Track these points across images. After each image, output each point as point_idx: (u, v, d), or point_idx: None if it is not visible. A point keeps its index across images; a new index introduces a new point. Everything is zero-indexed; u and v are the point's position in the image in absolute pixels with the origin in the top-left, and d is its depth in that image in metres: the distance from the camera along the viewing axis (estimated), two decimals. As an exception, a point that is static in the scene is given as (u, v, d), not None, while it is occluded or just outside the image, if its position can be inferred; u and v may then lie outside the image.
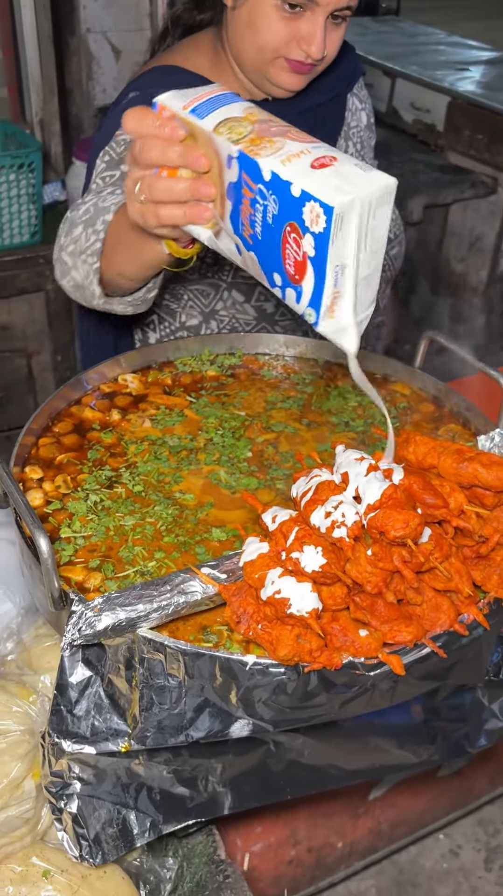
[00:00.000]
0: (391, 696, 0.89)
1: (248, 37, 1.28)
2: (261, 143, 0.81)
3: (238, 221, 0.86)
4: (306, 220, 0.77)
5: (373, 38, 4.41)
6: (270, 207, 0.80)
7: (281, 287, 0.85)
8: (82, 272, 1.18)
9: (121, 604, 0.84)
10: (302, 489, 0.86)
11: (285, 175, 0.78)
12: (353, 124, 1.58)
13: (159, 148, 0.88)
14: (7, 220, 2.53)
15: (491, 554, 0.90)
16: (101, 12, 2.92)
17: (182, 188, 0.88)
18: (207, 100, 0.87)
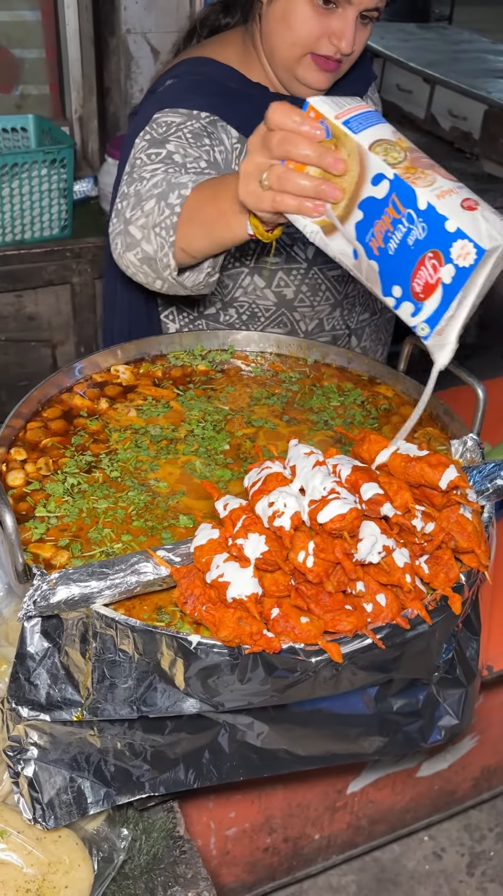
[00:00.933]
0: (335, 685, 0.93)
1: (281, 31, 1.35)
2: (416, 172, 0.89)
3: (368, 232, 0.93)
4: (453, 254, 0.86)
5: (416, 45, 4.41)
6: (416, 233, 0.89)
7: (397, 298, 0.93)
8: (155, 244, 1.20)
9: (76, 580, 0.88)
10: (253, 479, 0.90)
11: (441, 209, 0.86)
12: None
13: (300, 143, 0.92)
14: (38, 213, 2.61)
15: (438, 552, 0.92)
16: (142, 13, 2.98)
17: (310, 185, 0.93)
18: (360, 114, 0.93)
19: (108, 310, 1.71)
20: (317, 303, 1.52)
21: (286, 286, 1.51)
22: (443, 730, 1.09)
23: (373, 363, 1.35)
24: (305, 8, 1.29)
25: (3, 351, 2.76)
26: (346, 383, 1.33)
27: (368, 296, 1.60)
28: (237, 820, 1.52)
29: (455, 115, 3.80)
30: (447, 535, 0.90)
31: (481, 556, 0.92)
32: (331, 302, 1.54)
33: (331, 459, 0.90)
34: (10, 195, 2.51)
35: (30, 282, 2.65)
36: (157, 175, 1.26)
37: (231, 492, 1.09)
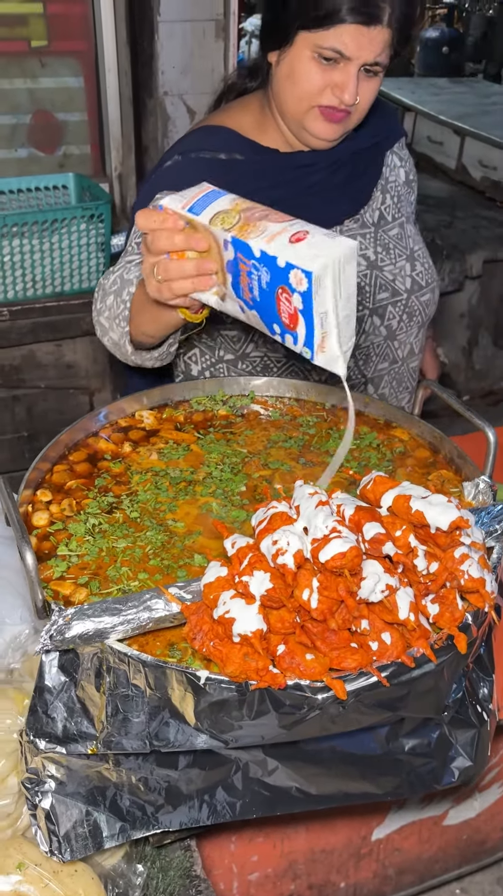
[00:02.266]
0: (343, 723, 0.94)
1: (288, 87, 1.43)
2: (248, 228, 1.04)
3: (239, 288, 1.09)
4: (293, 283, 0.99)
5: (447, 98, 4.51)
6: (263, 277, 1.03)
7: (280, 334, 1.07)
8: (117, 334, 1.41)
9: (90, 615, 0.92)
10: (259, 518, 0.94)
11: (271, 251, 1.00)
12: (392, 179, 1.69)
13: (166, 237, 1.10)
14: (77, 266, 2.72)
15: (443, 592, 0.94)
16: (178, 77, 3.12)
17: (190, 266, 1.10)
18: (201, 198, 1.10)
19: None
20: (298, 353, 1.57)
21: None
22: (457, 771, 1.09)
23: (388, 407, 1.38)
24: (308, 64, 1.38)
25: (43, 398, 2.85)
26: (362, 427, 1.36)
27: (385, 346, 1.65)
28: (260, 864, 1.51)
29: (485, 165, 3.87)
30: (450, 574, 0.92)
31: (486, 595, 0.94)
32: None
33: (335, 499, 0.94)
34: (51, 249, 2.63)
35: (69, 331, 2.75)
36: (117, 272, 1.44)
37: (245, 532, 1.12)
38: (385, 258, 1.63)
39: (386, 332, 1.64)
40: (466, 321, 3.61)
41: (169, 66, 3.07)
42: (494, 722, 1.15)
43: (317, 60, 1.37)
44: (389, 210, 1.66)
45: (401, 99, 4.46)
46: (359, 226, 1.62)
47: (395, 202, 1.68)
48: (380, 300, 1.62)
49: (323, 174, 1.56)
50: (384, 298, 1.62)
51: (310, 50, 1.37)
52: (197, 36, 3.05)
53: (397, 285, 1.63)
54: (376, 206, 1.65)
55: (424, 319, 1.70)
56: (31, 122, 3.21)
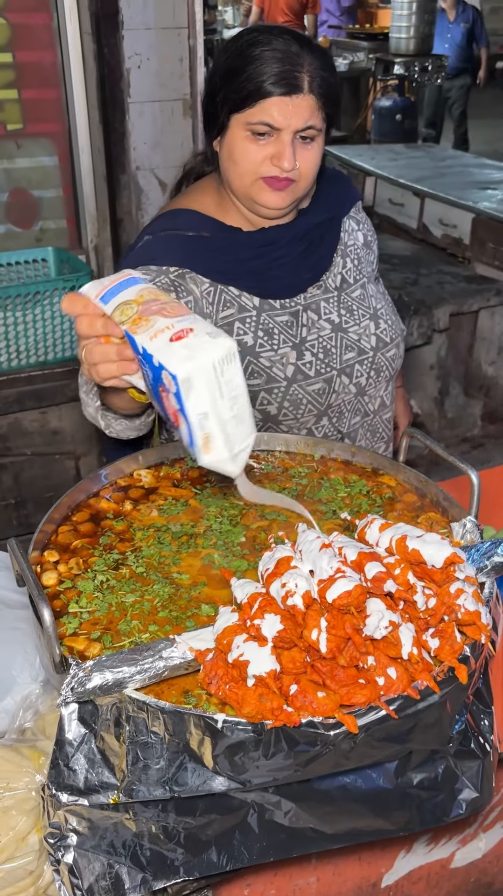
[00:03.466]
0: (355, 758, 0.98)
1: (231, 167, 1.53)
2: (139, 322, 1.02)
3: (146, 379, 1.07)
4: (166, 384, 0.97)
5: (405, 163, 4.74)
6: (147, 373, 1.02)
7: (174, 428, 1.04)
8: (92, 407, 1.43)
9: (109, 666, 0.96)
10: (266, 564, 0.99)
11: (150, 349, 0.98)
12: (350, 243, 1.78)
13: (87, 323, 1.09)
14: (59, 335, 2.80)
15: (442, 626, 1.00)
16: (150, 152, 3.26)
17: (111, 350, 1.09)
18: (114, 286, 1.08)
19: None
20: (300, 415, 1.65)
21: (269, 404, 1.64)
22: (465, 803, 1.13)
23: (375, 456, 1.45)
24: (244, 143, 1.48)
25: (30, 465, 2.90)
26: (352, 475, 1.43)
27: (356, 402, 1.73)
28: (271, 916, 1.51)
29: (445, 223, 4.05)
30: (448, 608, 0.97)
31: (482, 627, 0.99)
32: (314, 413, 1.66)
33: (337, 542, 0.99)
34: (34, 320, 2.71)
35: (54, 399, 2.81)
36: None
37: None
38: (349, 319, 1.70)
39: (355, 389, 1.71)
40: (436, 372, 3.74)
41: (140, 143, 3.22)
42: (496, 755, 1.19)
43: (252, 138, 1.47)
44: (350, 273, 1.74)
45: (361, 165, 4.67)
46: (322, 291, 1.70)
47: (356, 265, 1.76)
48: (347, 360, 1.69)
49: (284, 249, 1.64)
50: (350, 358, 1.69)
51: (243, 129, 1.47)
52: (166, 114, 3.21)
53: (362, 344, 1.70)
54: (337, 270, 1.72)
55: (391, 373, 1.79)
56: (8, 200, 3.32)
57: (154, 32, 3.03)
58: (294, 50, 1.45)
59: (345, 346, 1.69)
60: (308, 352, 1.64)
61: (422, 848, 1.64)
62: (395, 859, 1.61)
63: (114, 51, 2.98)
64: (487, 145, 9.52)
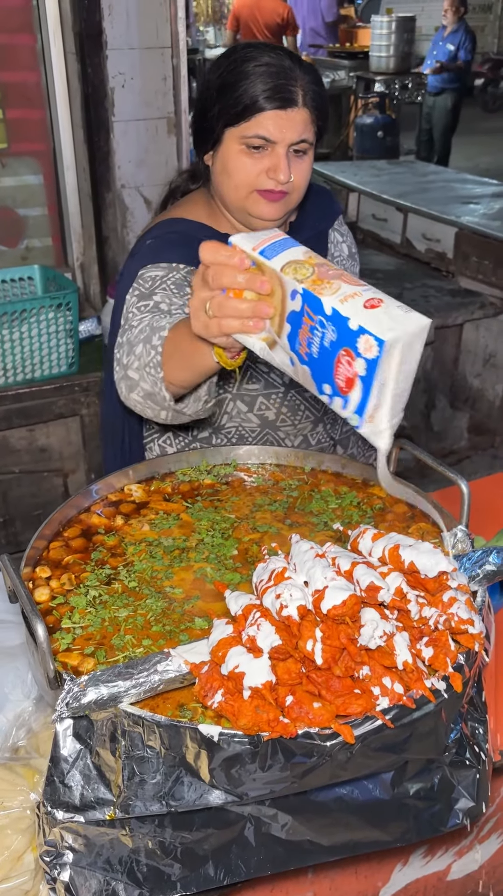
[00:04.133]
0: (352, 769, 0.98)
1: (225, 180, 1.54)
2: (322, 283, 1.00)
3: (296, 341, 1.05)
4: (360, 348, 0.96)
5: (387, 178, 4.79)
6: (328, 335, 0.99)
7: (329, 395, 1.04)
8: (149, 382, 1.36)
9: (104, 681, 0.96)
10: (260, 576, 0.99)
11: (344, 312, 0.97)
12: (337, 254, 1.82)
13: (230, 273, 1.06)
14: (46, 353, 2.80)
15: (436, 635, 1.00)
16: (135, 170, 3.28)
17: (246, 306, 1.06)
18: (273, 243, 1.07)
19: (106, 444, 1.85)
20: (297, 421, 1.67)
21: (267, 409, 1.65)
22: (461, 813, 1.13)
23: (365, 467, 1.46)
24: (239, 156, 1.50)
25: (17, 483, 2.88)
26: (342, 487, 1.44)
27: None
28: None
29: (428, 238, 4.09)
30: (441, 614, 0.98)
31: (475, 635, 1.00)
32: (311, 419, 1.68)
33: (330, 553, 1.00)
34: (20, 338, 2.70)
35: (41, 416, 2.81)
36: (143, 322, 1.44)
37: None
38: None
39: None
40: (422, 385, 3.77)
41: (125, 161, 3.23)
42: (491, 764, 1.20)
43: (247, 151, 1.49)
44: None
45: (344, 181, 4.71)
46: None
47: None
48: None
49: None
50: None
51: (237, 143, 1.49)
52: (150, 132, 3.22)
53: None
54: None
55: None
56: (-7, 219, 3.33)
57: (138, 52, 3.05)
58: (287, 65, 1.47)
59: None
60: None
61: (419, 861, 1.64)
62: (392, 872, 1.61)
63: (98, 70, 3.00)
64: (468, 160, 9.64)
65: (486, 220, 3.91)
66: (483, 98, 13.36)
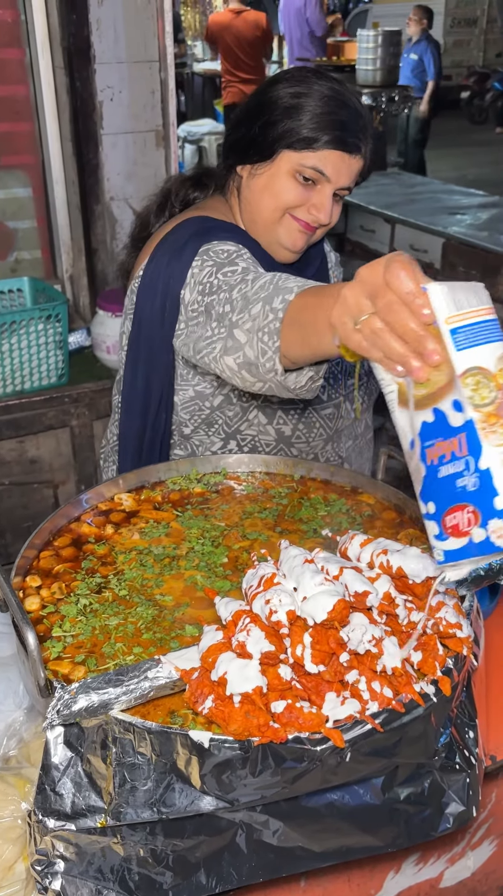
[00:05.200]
0: (343, 773, 0.99)
1: (265, 199, 1.52)
2: (495, 423, 0.81)
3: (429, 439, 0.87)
4: (490, 526, 0.81)
5: (375, 190, 4.82)
6: (467, 482, 0.83)
7: (428, 513, 0.89)
8: (257, 349, 1.23)
9: (94, 688, 0.96)
10: (249, 582, 1.00)
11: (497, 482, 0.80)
12: (330, 265, 1.85)
13: (403, 316, 0.87)
14: (36, 364, 2.80)
15: (424, 639, 1.01)
16: (123, 183, 3.29)
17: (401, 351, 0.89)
18: (473, 324, 0.84)
19: (123, 459, 1.79)
20: (311, 439, 1.67)
21: (285, 423, 1.64)
22: (452, 817, 1.13)
23: (354, 475, 1.47)
24: (288, 180, 1.48)
25: (7, 495, 2.88)
26: (331, 494, 1.45)
27: (352, 427, 1.75)
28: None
29: (416, 248, 4.12)
30: (429, 618, 0.98)
31: (464, 639, 1.01)
32: (323, 437, 1.68)
33: (319, 559, 1.00)
34: (10, 350, 2.71)
35: (31, 428, 2.81)
36: (263, 277, 1.29)
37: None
38: None
39: (353, 414, 1.74)
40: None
41: (114, 174, 3.25)
42: (481, 769, 1.20)
43: (297, 179, 1.47)
44: None
45: (331, 193, 4.75)
46: None
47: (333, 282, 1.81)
48: (350, 385, 1.72)
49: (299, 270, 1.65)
50: (352, 383, 1.72)
51: (292, 167, 1.47)
52: (139, 145, 3.24)
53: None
54: None
55: (375, 397, 1.82)
56: (-18, 232, 3.34)
57: (126, 66, 3.07)
58: (364, 112, 1.49)
59: (347, 372, 1.72)
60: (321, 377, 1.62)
61: (411, 868, 1.64)
62: (385, 880, 1.61)
63: (86, 84, 3.02)
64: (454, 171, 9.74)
65: (473, 230, 3.95)
66: (469, 110, 13.52)
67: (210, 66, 10.29)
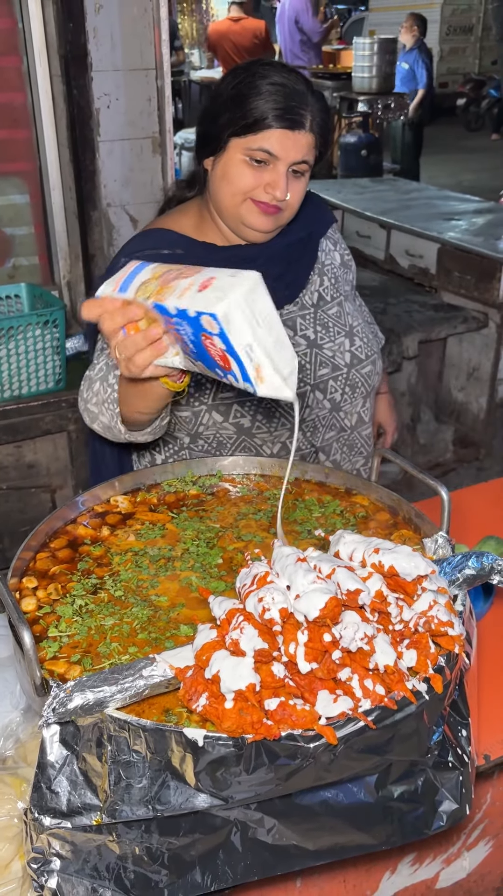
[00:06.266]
0: (336, 770, 1.00)
1: (223, 186, 1.58)
2: (164, 290, 1.11)
3: (181, 345, 1.16)
4: (207, 328, 1.06)
5: (370, 196, 4.85)
6: (187, 329, 1.10)
7: (223, 375, 1.13)
8: (107, 416, 1.51)
9: (90, 686, 0.97)
10: (243, 580, 1.01)
11: (182, 305, 1.08)
12: (328, 262, 1.85)
13: (108, 319, 1.18)
14: (34, 369, 2.81)
15: (416, 637, 1.02)
16: (120, 189, 3.31)
17: (139, 337, 1.17)
18: (126, 277, 1.19)
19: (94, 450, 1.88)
20: (273, 428, 1.71)
21: (242, 416, 1.69)
22: (445, 815, 1.14)
23: (348, 476, 1.48)
24: (240, 166, 1.55)
25: (5, 499, 2.89)
26: (326, 496, 1.46)
27: (331, 417, 1.77)
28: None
29: (412, 254, 4.14)
30: (421, 616, 0.99)
31: (455, 637, 1.02)
32: (287, 427, 1.72)
33: (311, 557, 1.01)
34: (8, 355, 2.72)
35: (28, 432, 2.82)
36: (100, 362, 1.58)
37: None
38: (324, 336, 1.76)
39: (330, 404, 1.77)
40: (407, 399, 3.80)
41: (111, 180, 3.27)
42: (474, 767, 1.21)
43: (249, 163, 1.54)
44: (327, 291, 1.81)
45: (328, 199, 4.77)
46: (299, 308, 1.76)
47: (333, 283, 1.83)
48: (321, 376, 1.75)
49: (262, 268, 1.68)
50: (324, 374, 1.75)
51: (242, 153, 1.53)
52: (136, 152, 3.26)
53: (336, 361, 1.76)
54: (314, 288, 1.79)
55: (368, 390, 1.84)
56: (-20, 238, 3.36)
57: (122, 74, 3.10)
58: (300, 89, 1.54)
59: (320, 362, 1.74)
60: None
61: (407, 869, 1.64)
62: (380, 881, 1.61)
63: (83, 92, 3.04)
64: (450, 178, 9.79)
65: (468, 235, 3.97)
66: (465, 117, 13.59)
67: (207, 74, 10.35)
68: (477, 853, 1.76)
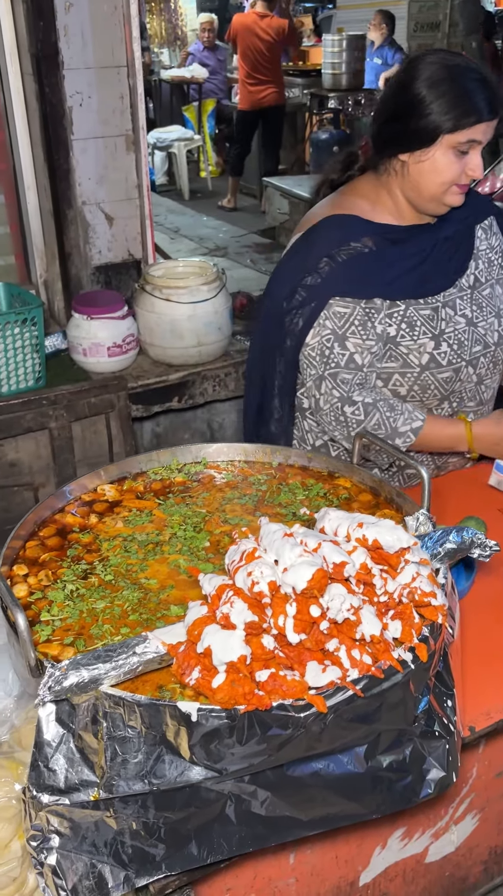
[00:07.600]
0: (327, 739, 1.02)
1: (432, 178, 1.74)
2: None
3: None
4: None
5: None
6: None
7: None
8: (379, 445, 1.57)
9: (84, 664, 0.99)
10: (232, 557, 1.04)
11: None
12: (482, 248, 1.96)
13: None
14: (13, 368, 2.82)
15: (401, 608, 1.05)
16: (95, 187, 3.32)
17: None
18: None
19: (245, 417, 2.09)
20: (426, 399, 1.86)
21: (400, 385, 1.83)
22: (433, 783, 1.17)
23: (330, 460, 1.51)
24: (449, 157, 1.69)
25: (-13, 498, 2.89)
26: (309, 479, 1.49)
27: (474, 390, 1.92)
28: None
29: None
30: (404, 587, 1.03)
31: (439, 607, 1.05)
32: (437, 397, 1.87)
33: (299, 534, 1.04)
34: (-13, 354, 2.72)
35: (10, 431, 2.82)
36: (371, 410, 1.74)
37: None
38: (479, 316, 1.89)
39: (476, 378, 1.90)
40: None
41: (85, 179, 3.27)
42: (460, 738, 1.24)
43: (457, 154, 1.69)
44: (482, 273, 1.93)
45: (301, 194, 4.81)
46: (458, 290, 1.88)
47: (486, 267, 1.95)
48: (475, 353, 1.87)
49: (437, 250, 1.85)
50: (478, 351, 1.88)
51: (452, 146, 1.68)
52: (109, 149, 3.27)
53: (487, 339, 1.89)
54: (471, 271, 1.91)
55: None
56: (-45, 239, 3.35)
57: (94, 71, 3.11)
58: (492, 77, 1.69)
59: (475, 339, 1.87)
60: (445, 342, 1.82)
61: (397, 843, 1.68)
62: (371, 857, 1.65)
63: (55, 90, 3.05)
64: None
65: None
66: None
67: (178, 73, 10.32)
68: (464, 827, 1.80)
